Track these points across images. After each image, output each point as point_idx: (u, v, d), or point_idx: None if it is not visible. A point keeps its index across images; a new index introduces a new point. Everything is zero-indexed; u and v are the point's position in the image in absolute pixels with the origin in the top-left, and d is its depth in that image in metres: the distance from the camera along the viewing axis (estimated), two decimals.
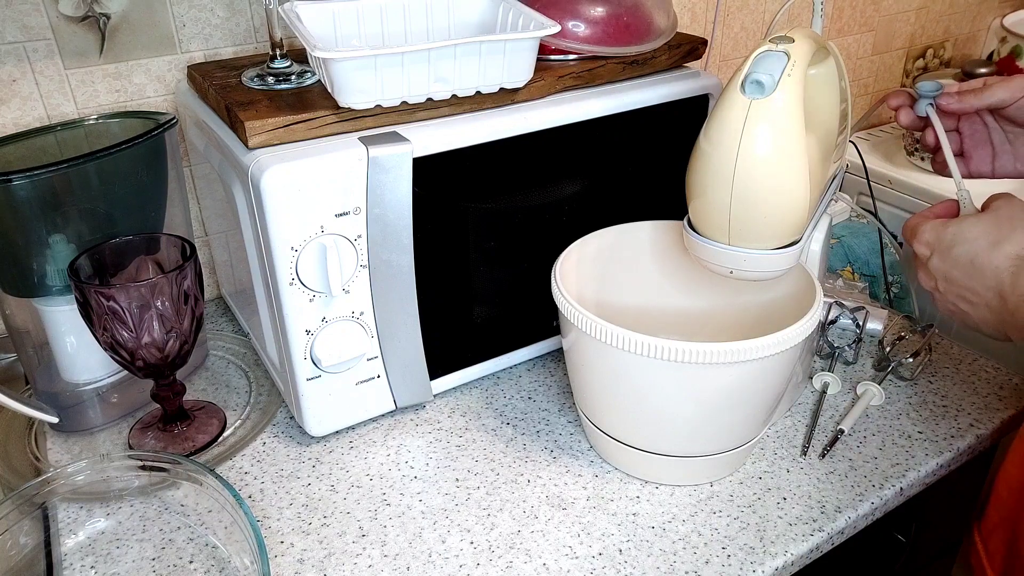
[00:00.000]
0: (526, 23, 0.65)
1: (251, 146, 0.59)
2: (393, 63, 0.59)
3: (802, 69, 0.55)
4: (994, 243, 0.53)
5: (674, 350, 0.55)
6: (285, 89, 0.66)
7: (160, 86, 0.80)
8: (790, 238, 0.58)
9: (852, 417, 0.72)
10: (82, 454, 0.69)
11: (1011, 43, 1.32)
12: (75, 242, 0.64)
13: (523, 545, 0.60)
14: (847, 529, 0.63)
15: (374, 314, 0.66)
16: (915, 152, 1.18)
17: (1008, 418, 0.72)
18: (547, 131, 0.67)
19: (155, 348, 0.62)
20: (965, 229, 0.55)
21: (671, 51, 0.75)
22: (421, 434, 0.71)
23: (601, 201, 0.75)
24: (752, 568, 0.58)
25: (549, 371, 0.79)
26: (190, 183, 0.85)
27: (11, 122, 0.74)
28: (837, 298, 0.86)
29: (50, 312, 0.68)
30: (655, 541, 0.60)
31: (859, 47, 1.32)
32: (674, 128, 0.74)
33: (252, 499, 0.64)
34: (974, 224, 0.55)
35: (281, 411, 0.74)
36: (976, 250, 0.54)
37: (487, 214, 0.69)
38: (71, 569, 0.59)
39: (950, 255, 0.55)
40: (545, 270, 0.66)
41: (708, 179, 0.57)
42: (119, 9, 0.75)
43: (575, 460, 0.68)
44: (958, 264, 0.55)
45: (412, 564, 0.58)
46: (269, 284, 0.63)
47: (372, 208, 0.61)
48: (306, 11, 0.65)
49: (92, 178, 0.64)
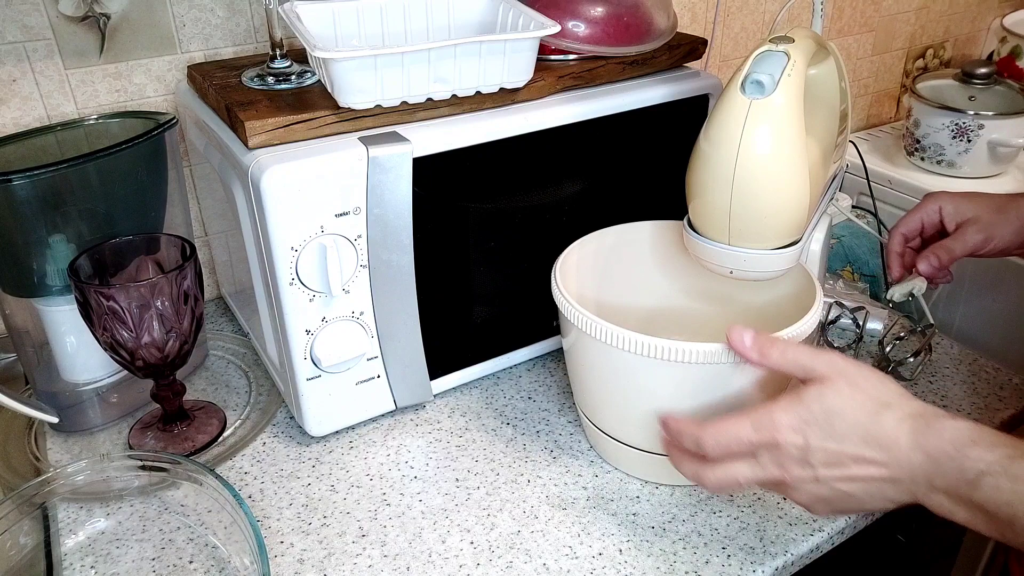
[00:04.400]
0: (526, 23, 0.65)
1: (251, 146, 0.59)
2: (393, 63, 0.59)
3: (802, 69, 0.55)
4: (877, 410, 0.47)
5: (674, 350, 0.55)
6: (285, 89, 0.66)
7: (160, 86, 0.80)
8: (790, 238, 0.58)
9: None
10: (82, 454, 0.69)
11: (1011, 43, 1.32)
12: (75, 242, 0.64)
13: (523, 545, 0.60)
14: (847, 529, 0.63)
15: (374, 314, 0.66)
16: (915, 152, 1.18)
17: (1008, 418, 0.72)
18: (547, 131, 0.67)
19: (155, 348, 0.62)
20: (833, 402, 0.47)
21: (671, 51, 0.75)
22: (421, 434, 0.71)
23: (601, 201, 0.75)
24: (752, 568, 0.58)
25: (549, 371, 0.79)
26: (190, 183, 0.85)
27: (11, 122, 0.74)
28: (837, 298, 0.86)
29: (50, 312, 0.68)
30: (655, 541, 0.60)
31: (859, 47, 1.32)
32: (674, 128, 0.74)
33: (252, 499, 0.64)
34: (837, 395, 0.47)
35: (281, 411, 0.74)
36: (863, 423, 0.47)
37: (487, 214, 0.69)
38: (71, 569, 0.58)
39: (832, 432, 0.47)
40: (545, 270, 0.66)
41: (708, 179, 0.57)
42: (119, 9, 0.75)
43: (575, 460, 0.68)
44: (845, 441, 0.47)
45: (412, 564, 0.58)
46: (269, 284, 0.63)
47: (372, 208, 0.61)
48: (306, 11, 0.65)
49: (92, 178, 0.64)
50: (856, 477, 0.47)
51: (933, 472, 0.45)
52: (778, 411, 0.49)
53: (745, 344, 0.52)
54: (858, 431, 0.47)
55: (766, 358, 0.51)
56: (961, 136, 1.11)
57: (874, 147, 1.27)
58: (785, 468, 0.49)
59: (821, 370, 0.49)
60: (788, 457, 0.48)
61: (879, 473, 0.47)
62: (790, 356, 0.51)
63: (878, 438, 0.46)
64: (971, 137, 1.11)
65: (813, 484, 0.48)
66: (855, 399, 0.47)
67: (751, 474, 0.50)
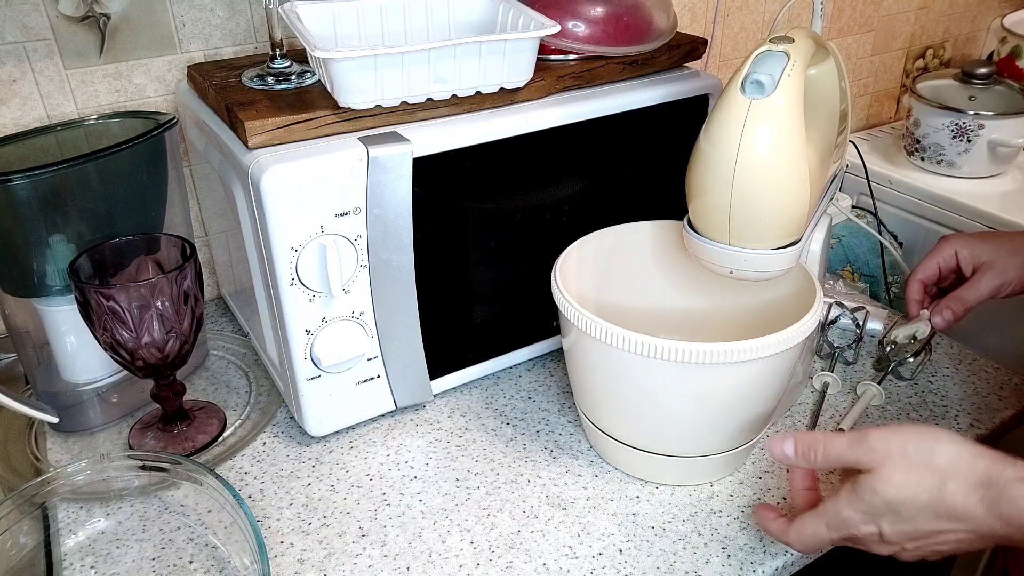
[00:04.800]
0: (526, 23, 0.65)
1: (251, 146, 0.59)
2: (393, 63, 0.59)
3: (802, 69, 0.55)
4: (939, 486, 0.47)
5: (674, 350, 0.55)
6: (285, 89, 0.66)
7: (160, 86, 0.80)
8: (790, 238, 0.58)
9: (852, 417, 0.72)
10: (82, 454, 0.69)
11: (1011, 43, 1.32)
12: (75, 242, 0.64)
13: (523, 545, 0.60)
14: None
15: (374, 314, 0.66)
16: (915, 152, 1.18)
17: (1008, 418, 0.72)
18: (547, 131, 0.67)
19: (155, 348, 0.62)
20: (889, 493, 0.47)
21: (671, 51, 0.75)
22: (421, 434, 0.71)
23: (601, 201, 0.75)
24: (752, 568, 0.58)
25: (549, 371, 0.79)
26: (190, 183, 0.85)
27: (11, 122, 0.74)
28: (837, 298, 0.86)
29: (50, 312, 0.68)
30: (655, 541, 0.60)
31: (859, 47, 1.32)
32: (674, 128, 0.74)
33: (252, 499, 0.64)
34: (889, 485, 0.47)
35: (281, 411, 0.74)
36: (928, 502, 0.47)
37: (487, 214, 0.69)
38: (71, 569, 0.58)
39: (901, 518, 0.48)
40: (545, 270, 0.66)
41: (708, 179, 0.57)
42: (119, 9, 0.75)
43: (575, 460, 0.68)
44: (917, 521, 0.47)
45: (412, 564, 0.58)
46: (269, 284, 0.63)
47: (372, 208, 0.61)
48: (306, 11, 0.65)
49: (92, 178, 0.64)
50: (942, 543, 0.48)
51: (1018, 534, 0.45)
52: (844, 508, 0.49)
53: (789, 455, 0.53)
54: (927, 512, 0.47)
55: (812, 464, 0.52)
56: (961, 136, 1.11)
57: (874, 147, 1.27)
58: (872, 548, 0.51)
59: (865, 462, 0.49)
60: (871, 542, 0.50)
61: (963, 536, 0.47)
62: (833, 455, 0.51)
63: (950, 513, 0.46)
64: (971, 137, 1.11)
65: (904, 553, 0.50)
66: (909, 482, 0.47)
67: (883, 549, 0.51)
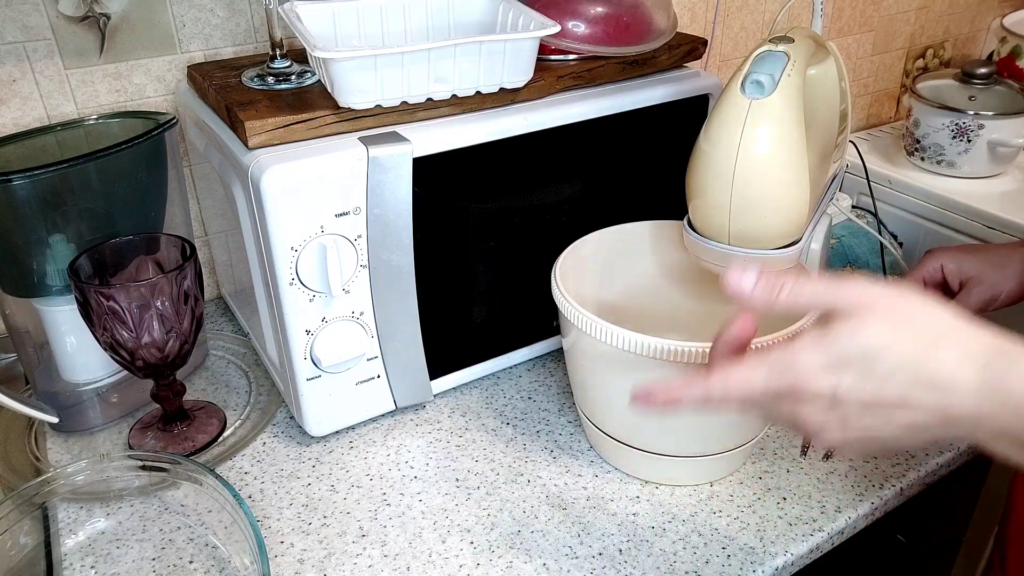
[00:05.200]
0: (526, 23, 0.65)
1: (251, 146, 0.59)
2: (393, 63, 0.59)
3: (802, 69, 0.55)
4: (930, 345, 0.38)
5: (674, 350, 0.55)
6: (285, 89, 0.66)
7: (160, 86, 0.80)
8: (790, 238, 0.58)
9: None
10: (82, 454, 0.69)
11: (1011, 43, 1.32)
12: (75, 242, 0.64)
13: (523, 545, 0.60)
14: (847, 529, 0.63)
15: (374, 314, 0.66)
16: (915, 152, 1.18)
17: None
18: (547, 131, 0.67)
19: (155, 348, 0.62)
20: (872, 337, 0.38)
21: (671, 51, 0.75)
22: (421, 434, 0.71)
23: (601, 201, 0.75)
24: (752, 568, 0.58)
25: (549, 371, 0.79)
26: (190, 183, 0.85)
27: (11, 122, 0.74)
28: None
29: (50, 312, 0.68)
30: (655, 541, 0.60)
31: (859, 47, 1.32)
32: (674, 128, 0.74)
33: (252, 499, 0.64)
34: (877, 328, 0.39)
35: (281, 411, 0.74)
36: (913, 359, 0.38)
37: (487, 214, 0.69)
38: (71, 569, 0.58)
39: (871, 374, 0.38)
40: (545, 270, 0.66)
41: (708, 179, 0.57)
42: (119, 9, 0.75)
43: (575, 460, 0.68)
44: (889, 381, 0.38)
45: (412, 564, 0.58)
46: (269, 284, 0.63)
47: (372, 208, 0.61)
48: (306, 11, 0.65)
49: (92, 178, 0.64)
50: (897, 423, 0.39)
51: (1010, 422, 0.37)
52: (801, 352, 0.40)
53: (745, 288, 0.42)
54: (906, 371, 0.38)
55: (772, 304, 0.41)
56: (961, 136, 1.11)
57: (874, 147, 1.27)
58: (806, 419, 0.41)
59: (852, 300, 0.39)
60: (812, 406, 0.40)
61: (926, 417, 0.38)
62: (805, 296, 0.41)
63: (933, 379, 0.38)
64: (971, 137, 1.11)
65: (840, 432, 0.40)
66: (897, 334, 0.38)
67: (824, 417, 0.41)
